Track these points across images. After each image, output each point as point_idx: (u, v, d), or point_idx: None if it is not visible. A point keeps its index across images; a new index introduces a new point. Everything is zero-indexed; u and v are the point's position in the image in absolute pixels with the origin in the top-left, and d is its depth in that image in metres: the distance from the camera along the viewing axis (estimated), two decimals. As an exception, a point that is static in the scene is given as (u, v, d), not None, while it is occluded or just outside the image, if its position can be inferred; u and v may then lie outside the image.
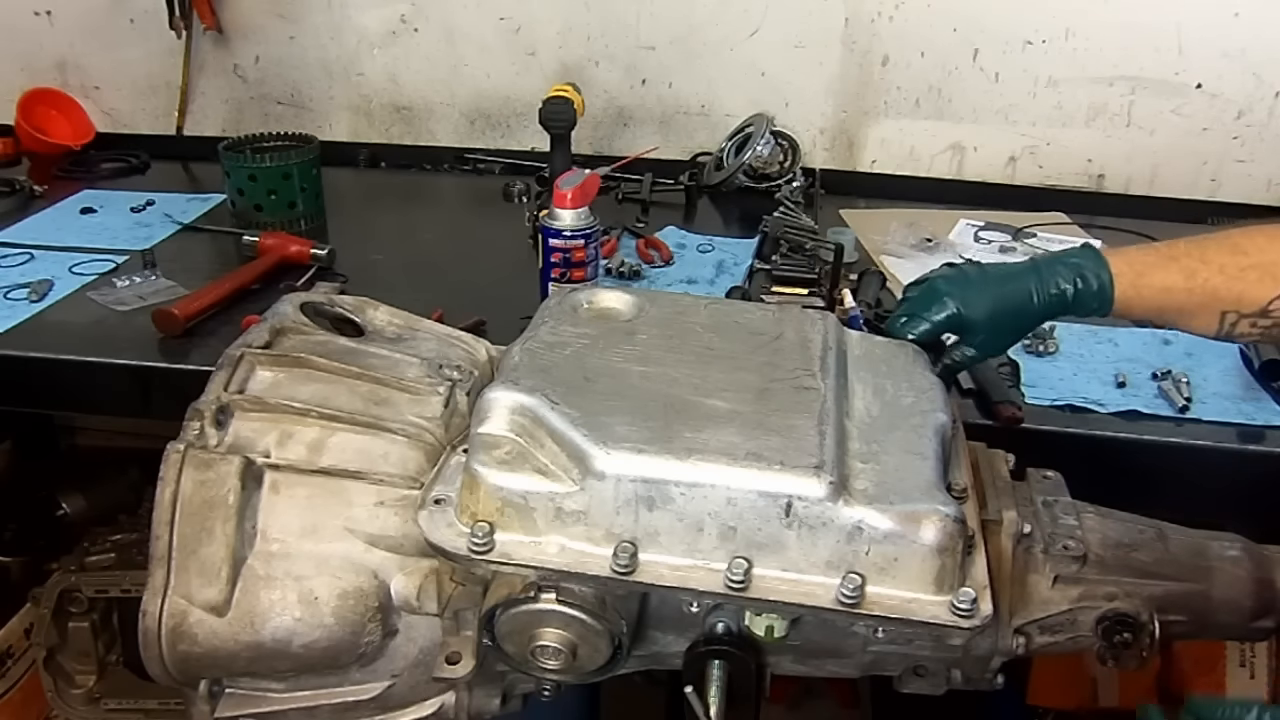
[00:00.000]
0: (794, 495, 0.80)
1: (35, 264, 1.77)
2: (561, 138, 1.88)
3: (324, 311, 1.11)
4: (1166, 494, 1.32)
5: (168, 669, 0.89)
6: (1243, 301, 1.05)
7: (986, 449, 1.05)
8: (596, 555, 0.83)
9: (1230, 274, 1.04)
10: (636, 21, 2.18)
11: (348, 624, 0.88)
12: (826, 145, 2.23)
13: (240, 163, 1.93)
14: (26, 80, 2.37)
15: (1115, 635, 0.95)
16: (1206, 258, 1.05)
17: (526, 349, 0.94)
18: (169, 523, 0.87)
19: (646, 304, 1.05)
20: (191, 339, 1.52)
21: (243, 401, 0.93)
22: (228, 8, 2.30)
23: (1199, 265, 1.05)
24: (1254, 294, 1.04)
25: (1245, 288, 1.04)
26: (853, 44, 2.13)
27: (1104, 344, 1.57)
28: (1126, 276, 1.05)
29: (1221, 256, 1.05)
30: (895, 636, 0.91)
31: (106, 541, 1.89)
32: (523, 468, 0.84)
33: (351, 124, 2.39)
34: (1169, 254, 1.06)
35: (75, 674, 1.92)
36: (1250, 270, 1.04)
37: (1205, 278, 1.04)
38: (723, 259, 1.85)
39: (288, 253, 1.76)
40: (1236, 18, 1.95)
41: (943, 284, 1.09)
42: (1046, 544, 0.95)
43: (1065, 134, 2.12)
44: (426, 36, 2.27)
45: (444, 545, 0.85)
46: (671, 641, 0.94)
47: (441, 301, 1.52)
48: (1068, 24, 2.03)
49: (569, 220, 1.52)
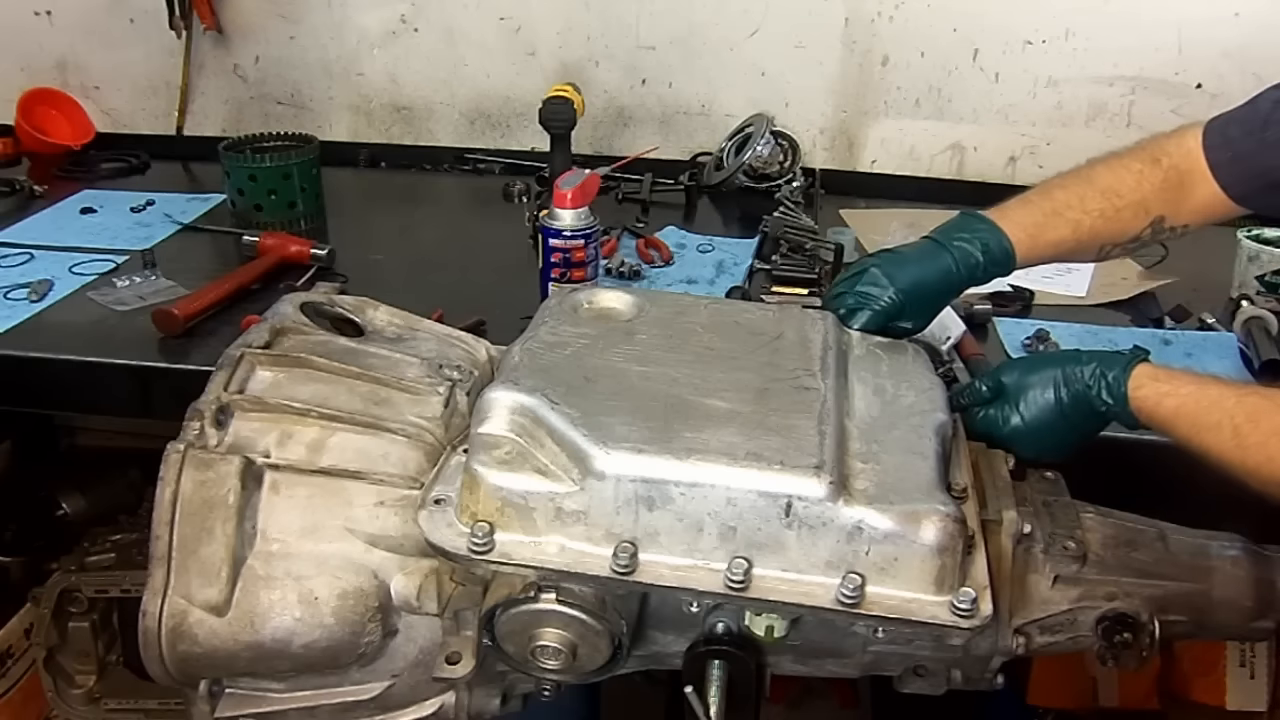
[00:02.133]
0: (794, 495, 0.80)
1: (35, 264, 1.77)
2: (561, 138, 1.88)
3: (324, 311, 1.11)
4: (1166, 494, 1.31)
5: (168, 669, 0.89)
6: (1120, 235, 1.19)
7: (986, 449, 1.05)
8: (596, 555, 0.83)
9: (1109, 216, 1.17)
10: (636, 21, 2.18)
11: (348, 624, 0.88)
12: (826, 145, 2.23)
13: (240, 163, 1.93)
14: (26, 80, 2.36)
15: (1115, 635, 0.95)
16: (1087, 207, 1.17)
17: (526, 349, 0.94)
18: (169, 523, 0.87)
19: (646, 304, 1.05)
20: (191, 339, 1.52)
21: (243, 401, 0.93)
22: (228, 8, 2.30)
23: (1081, 215, 1.17)
24: (1129, 228, 1.19)
25: (1122, 225, 1.19)
26: (853, 44, 2.13)
27: (1104, 344, 1.57)
28: (1024, 241, 1.15)
29: (1099, 202, 1.17)
30: (895, 636, 0.91)
31: (106, 541, 1.90)
32: (523, 468, 0.84)
33: (351, 124, 2.39)
34: (1052, 209, 1.17)
35: (75, 674, 1.92)
36: (1125, 210, 1.18)
37: (1089, 225, 1.17)
38: (723, 259, 1.85)
39: (288, 253, 1.76)
40: (1236, 18, 1.95)
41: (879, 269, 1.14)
42: (1046, 544, 0.95)
43: (1065, 134, 2.11)
44: (426, 36, 2.27)
45: (444, 545, 0.85)
46: (671, 641, 0.94)
47: (441, 301, 1.51)
48: (1068, 24, 2.03)
49: (569, 220, 1.52)
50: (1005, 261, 1.14)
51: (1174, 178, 1.18)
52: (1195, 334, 1.61)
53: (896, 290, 1.11)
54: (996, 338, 1.58)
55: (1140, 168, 1.19)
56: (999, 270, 1.15)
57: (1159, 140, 1.22)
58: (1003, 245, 1.13)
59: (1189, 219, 1.20)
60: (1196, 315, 1.65)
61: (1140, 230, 1.19)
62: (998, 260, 1.14)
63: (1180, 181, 1.18)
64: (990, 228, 1.14)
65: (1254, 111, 1.17)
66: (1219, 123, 1.19)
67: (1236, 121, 1.18)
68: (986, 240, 1.13)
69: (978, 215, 1.17)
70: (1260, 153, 1.14)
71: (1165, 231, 1.20)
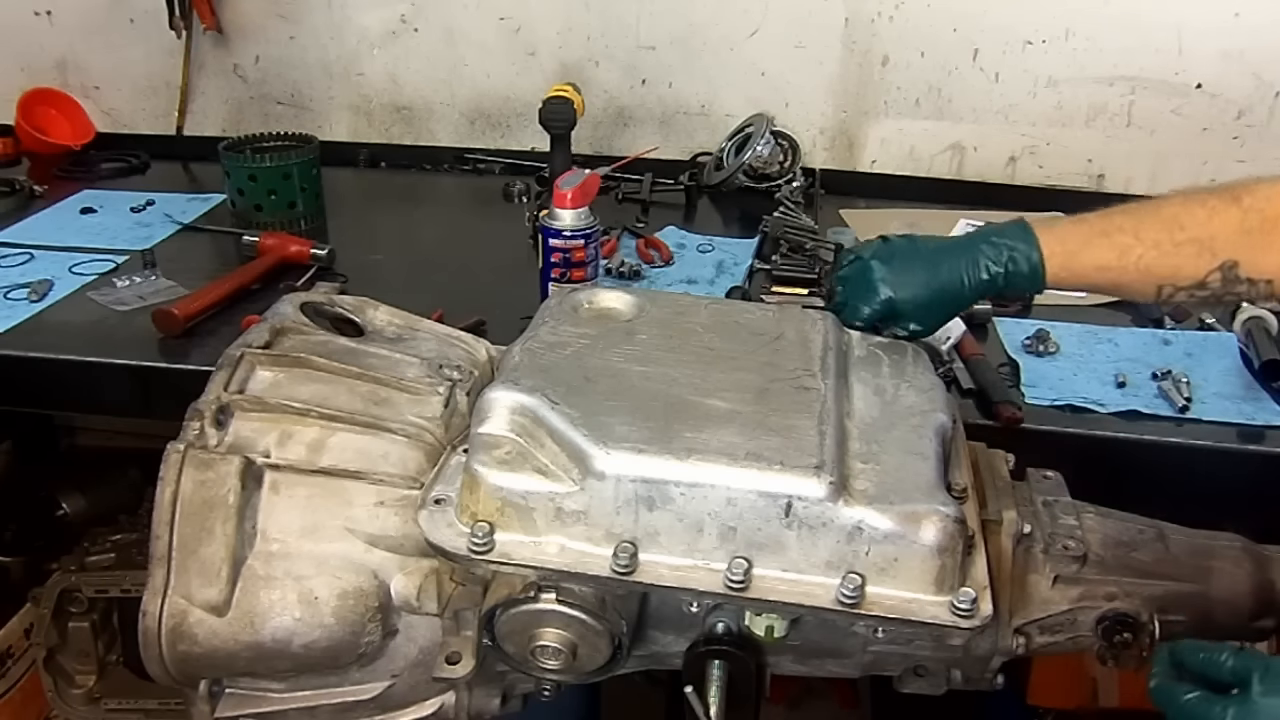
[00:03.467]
0: (794, 495, 0.80)
1: (35, 264, 1.77)
2: (561, 138, 1.88)
3: (324, 311, 1.11)
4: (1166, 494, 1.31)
5: (168, 669, 0.89)
6: (1179, 275, 1.05)
7: (986, 449, 1.05)
8: (596, 555, 0.83)
9: (1165, 250, 1.04)
10: (636, 21, 2.18)
11: (348, 624, 0.88)
12: (826, 145, 2.23)
13: (240, 163, 1.93)
14: (26, 80, 2.36)
15: (1115, 635, 0.95)
16: (1141, 234, 1.05)
17: (526, 349, 0.94)
18: (169, 523, 0.87)
19: (647, 304, 1.05)
20: (191, 339, 1.52)
21: (243, 401, 0.93)
22: (228, 8, 2.30)
23: (1133, 241, 1.05)
24: (1190, 268, 1.05)
25: (1181, 262, 1.05)
26: (853, 44, 2.13)
27: (1104, 344, 1.57)
28: (1058, 257, 1.06)
29: (1157, 232, 1.05)
30: (895, 636, 0.91)
31: (106, 541, 1.90)
32: (523, 468, 0.84)
33: (351, 124, 2.39)
34: (1102, 229, 1.06)
35: (75, 674, 1.92)
36: (1186, 245, 1.04)
37: (1139, 254, 1.05)
38: (723, 259, 1.85)
39: (288, 253, 1.76)
40: (1236, 18, 1.95)
41: (878, 268, 1.10)
42: (1046, 544, 0.95)
43: (1065, 134, 2.11)
44: (426, 36, 2.27)
45: (444, 545, 0.85)
46: (671, 641, 0.94)
47: (441, 301, 1.51)
48: (1068, 24, 2.03)
49: (569, 220, 1.52)
50: (1032, 275, 1.06)
51: (1255, 221, 1.03)
52: (1195, 334, 1.60)
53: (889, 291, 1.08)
54: (997, 338, 1.58)
55: (1216, 203, 1.05)
56: (1025, 284, 1.07)
57: (1248, 179, 1.07)
58: (1030, 258, 1.06)
59: (1274, 273, 1.04)
60: (1196, 315, 1.65)
61: (1206, 273, 1.04)
62: (1023, 274, 1.06)
63: (1263, 227, 1.03)
64: (1024, 237, 1.07)
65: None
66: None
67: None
68: (1013, 250, 1.06)
69: (1022, 223, 1.09)
70: None
71: (1241, 282, 1.04)
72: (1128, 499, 1.03)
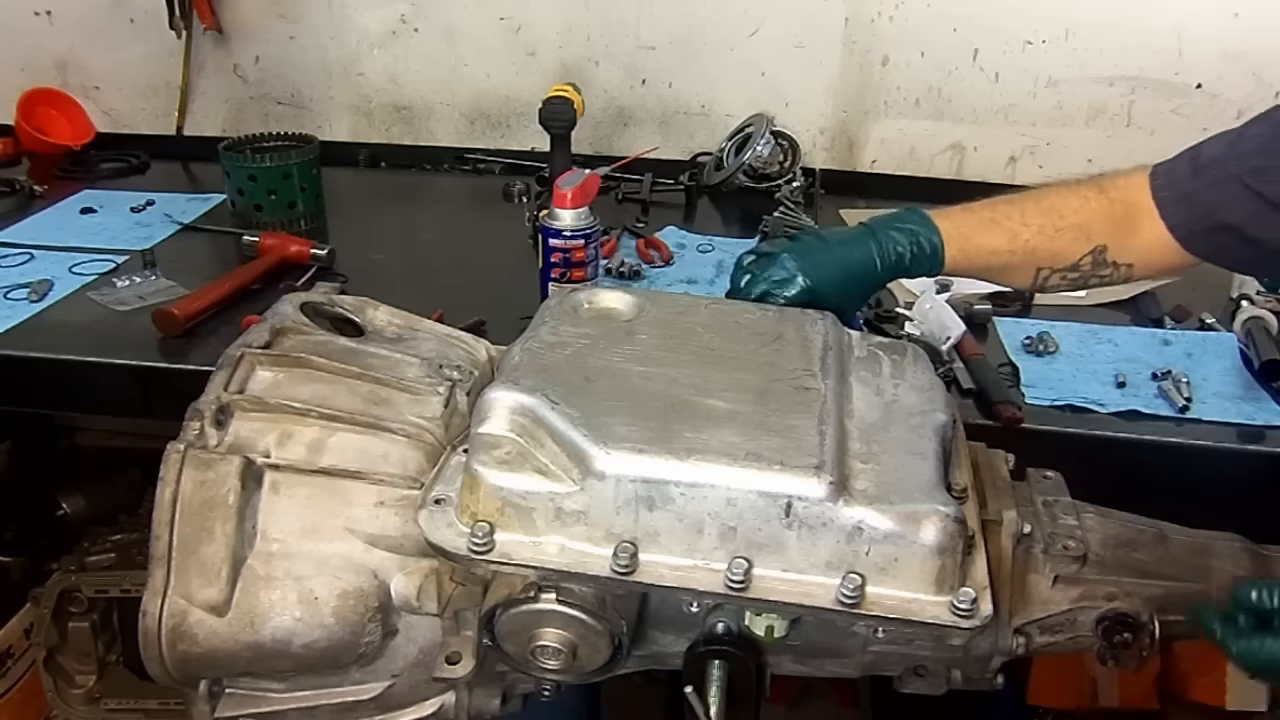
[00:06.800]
0: (794, 495, 0.80)
1: (35, 264, 1.77)
2: (561, 138, 1.88)
3: (324, 311, 1.11)
4: (1166, 494, 1.32)
5: (168, 669, 0.88)
6: (1057, 259, 1.17)
7: (986, 449, 1.05)
8: (596, 555, 0.83)
9: (1048, 235, 1.16)
10: (636, 21, 2.18)
11: (348, 624, 0.88)
12: (826, 145, 2.23)
13: (240, 163, 1.93)
14: (26, 80, 2.36)
15: (1115, 635, 0.95)
16: (1027, 220, 1.16)
17: (527, 349, 0.94)
18: (169, 523, 0.86)
19: (647, 304, 1.05)
20: (191, 339, 1.52)
21: (243, 401, 0.93)
22: (228, 8, 2.30)
23: (1020, 228, 1.16)
24: (1067, 252, 1.17)
25: (1061, 247, 1.16)
26: (853, 44, 2.13)
27: (1104, 344, 1.57)
28: (955, 241, 1.15)
29: (1040, 219, 1.16)
30: (895, 636, 0.91)
31: (106, 541, 1.90)
32: (523, 468, 0.84)
33: (351, 124, 2.39)
34: (991, 217, 1.17)
35: (75, 674, 1.92)
36: (1066, 231, 1.16)
37: (1026, 239, 1.16)
38: (723, 259, 1.84)
39: (288, 253, 1.76)
40: (1236, 18, 1.95)
41: (790, 259, 1.14)
42: (1046, 544, 0.95)
43: (1065, 134, 2.11)
44: (426, 36, 2.27)
45: (444, 545, 0.85)
46: (671, 641, 0.94)
47: (441, 301, 1.51)
48: (1068, 24, 2.03)
49: (569, 220, 1.52)
50: (934, 256, 1.15)
51: (1120, 210, 1.16)
52: (1195, 334, 1.61)
53: (806, 280, 1.12)
54: (996, 338, 1.58)
55: (1087, 193, 1.17)
56: (928, 265, 1.15)
57: (1111, 173, 1.20)
58: (931, 241, 1.14)
59: (1134, 256, 1.17)
60: (1196, 315, 1.65)
61: (1080, 257, 1.16)
62: (925, 255, 1.14)
63: (1126, 214, 1.16)
64: (923, 222, 1.15)
65: (1200, 152, 1.15)
66: (1168, 162, 1.18)
67: (1184, 160, 1.16)
68: (916, 234, 1.14)
69: (917, 210, 1.17)
70: (1204, 192, 1.12)
71: (1108, 265, 1.17)
72: (1128, 499, 1.03)
